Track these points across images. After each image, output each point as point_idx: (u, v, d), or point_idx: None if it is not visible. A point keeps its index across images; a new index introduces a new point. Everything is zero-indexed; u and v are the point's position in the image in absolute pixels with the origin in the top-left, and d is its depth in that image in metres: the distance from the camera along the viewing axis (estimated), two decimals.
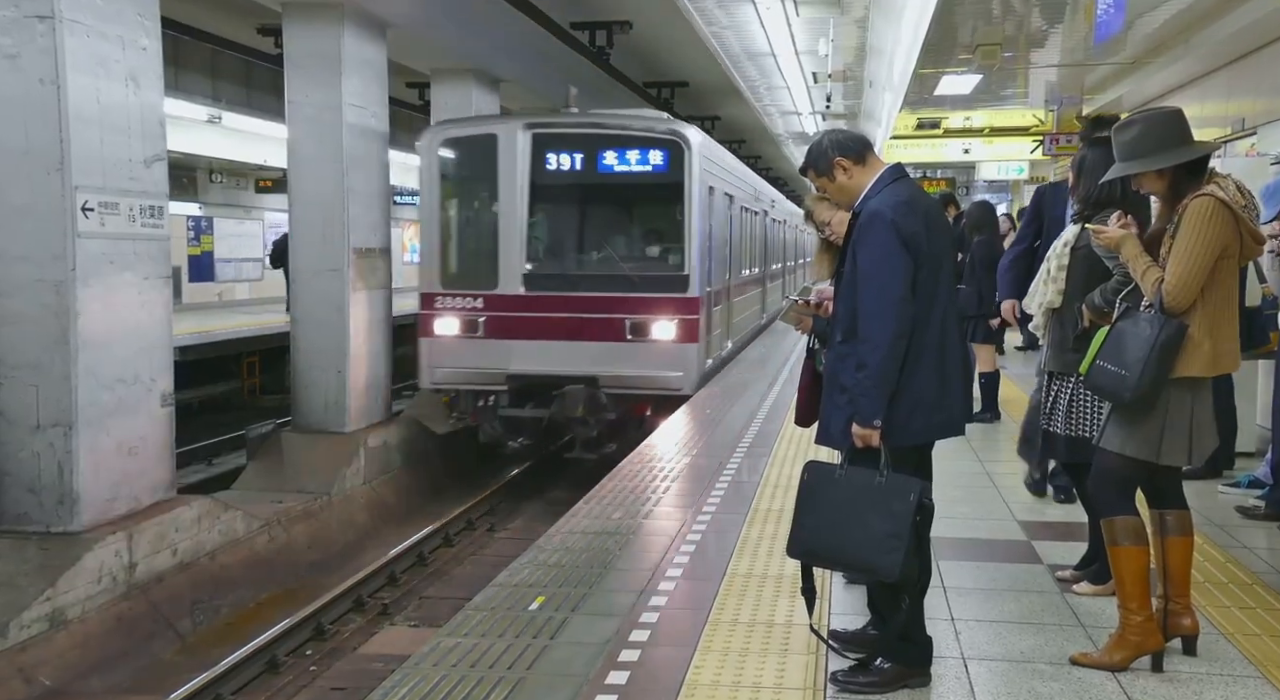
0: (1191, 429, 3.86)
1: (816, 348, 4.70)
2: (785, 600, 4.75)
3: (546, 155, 11.70)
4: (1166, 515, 4.03)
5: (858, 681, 3.82)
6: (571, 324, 11.51)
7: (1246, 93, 10.72)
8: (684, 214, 11.61)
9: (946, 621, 4.48)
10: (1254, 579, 5.02)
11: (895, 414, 3.69)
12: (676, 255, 11.85)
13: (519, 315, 11.62)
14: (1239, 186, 3.97)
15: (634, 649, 4.23)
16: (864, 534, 3.62)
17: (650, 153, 11.65)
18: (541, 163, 11.69)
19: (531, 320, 11.57)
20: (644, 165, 11.67)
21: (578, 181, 11.96)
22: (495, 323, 11.69)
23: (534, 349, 11.53)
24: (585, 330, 11.47)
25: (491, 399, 11.86)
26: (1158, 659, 3.94)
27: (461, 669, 4.06)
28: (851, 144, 3.96)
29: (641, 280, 11.59)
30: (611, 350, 11.42)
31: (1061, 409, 4.65)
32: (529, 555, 5.57)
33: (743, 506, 6.51)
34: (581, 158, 11.75)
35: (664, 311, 11.47)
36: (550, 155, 11.71)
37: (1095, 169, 4.61)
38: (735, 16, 15.23)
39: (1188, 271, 3.73)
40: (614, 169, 11.72)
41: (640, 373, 11.44)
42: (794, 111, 24.58)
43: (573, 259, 12.31)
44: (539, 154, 11.67)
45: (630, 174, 11.74)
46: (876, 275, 3.68)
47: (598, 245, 12.26)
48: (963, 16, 10.46)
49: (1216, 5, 9.58)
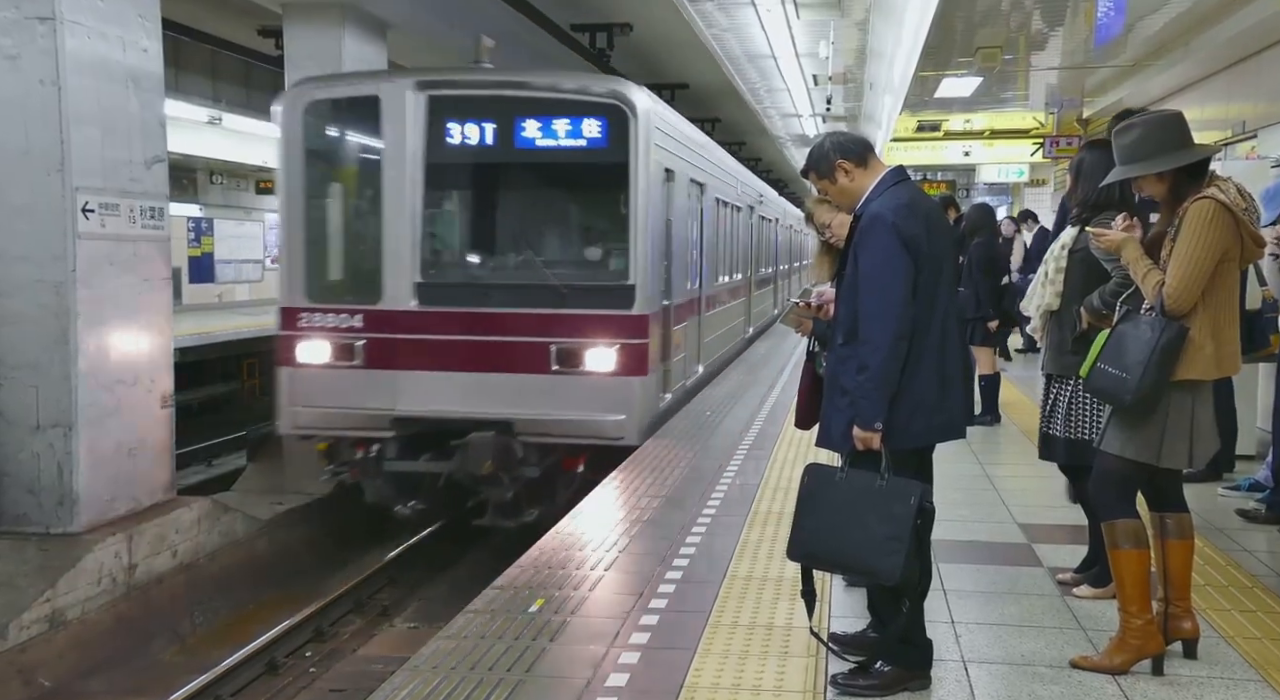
0: (1192, 432, 3.86)
1: (817, 350, 4.70)
2: (785, 603, 4.75)
3: (447, 125, 8.90)
4: (1167, 518, 4.03)
5: (858, 684, 3.82)
6: (479, 350, 8.77)
7: (1246, 96, 10.72)
8: (629, 204, 8.83)
9: (947, 624, 4.47)
10: (1254, 582, 5.02)
11: (896, 416, 3.69)
12: (619, 259, 9.06)
13: (410, 338, 8.83)
14: (1239, 189, 3.98)
15: (634, 651, 4.23)
16: (864, 537, 3.62)
17: (584, 123, 8.81)
18: (441, 135, 8.89)
19: (426, 345, 8.81)
20: (576, 139, 8.83)
21: (489, 160, 9.12)
22: (378, 348, 8.86)
23: (429, 383, 8.77)
24: (498, 359, 8.73)
25: (375, 449, 8.95)
26: (1158, 662, 3.94)
27: (461, 671, 4.05)
28: (853, 146, 3.96)
29: (573, 293, 8.74)
30: (532, 386, 8.68)
31: (1061, 411, 4.65)
32: (529, 557, 5.57)
33: (743, 509, 6.51)
34: (494, 129, 8.90)
35: (602, 334, 8.68)
36: (453, 125, 8.90)
37: (1093, 172, 4.62)
38: (736, 19, 15.22)
39: (1188, 274, 3.73)
40: (537, 144, 8.87)
41: (569, 415, 8.68)
42: (794, 114, 24.57)
43: (482, 264, 9.50)
44: (437, 123, 8.89)
45: (559, 151, 8.91)
46: (878, 278, 3.68)
47: (515, 246, 9.52)
48: (963, 19, 10.47)
49: (1216, 8, 9.59)
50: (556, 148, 8.90)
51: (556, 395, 8.72)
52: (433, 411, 8.76)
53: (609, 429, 8.70)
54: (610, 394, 8.72)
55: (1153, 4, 9.45)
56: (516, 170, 9.36)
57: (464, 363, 8.77)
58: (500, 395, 8.70)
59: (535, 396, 8.70)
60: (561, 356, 8.71)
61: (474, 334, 8.80)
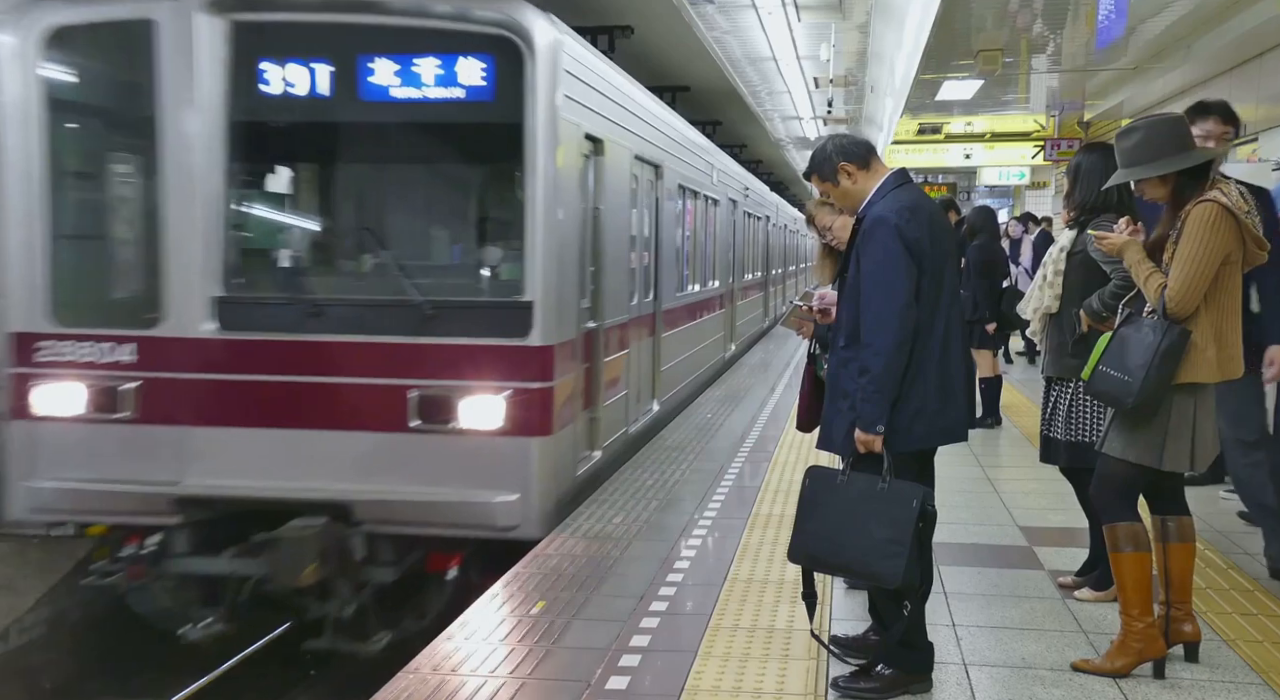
0: (1194, 435, 3.86)
1: (818, 353, 4.70)
2: (786, 606, 4.75)
3: (260, 66, 6.17)
4: (1168, 521, 4.03)
5: (859, 687, 3.82)
6: (306, 397, 6.10)
7: (1248, 99, 10.72)
8: (526, 184, 6.09)
9: (948, 627, 4.47)
10: (1255, 585, 5.01)
11: (897, 419, 3.70)
12: (511, 265, 6.32)
13: (204, 379, 6.13)
14: (1242, 192, 3.98)
15: (634, 654, 4.23)
16: (865, 540, 3.62)
17: (460, 64, 6.08)
18: (250, 81, 6.17)
19: (228, 389, 6.12)
20: (449, 87, 6.10)
21: (324, 119, 6.37)
22: (157, 394, 6.14)
23: (232, 446, 6.07)
24: (332, 410, 6.07)
25: (153, 542, 6.24)
26: (1159, 665, 3.94)
27: (462, 673, 4.05)
28: (856, 149, 3.96)
29: (443, 313, 6.04)
30: (382, 451, 6.03)
31: (1062, 414, 4.65)
32: (530, 560, 5.57)
33: (744, 511, 6.51)
34: (330, 73, 6.16)
35: (485, 373, 6.00)
36: (268, 67, 6.17)
37: (1090, 175, 4.63)
38: (737, 21, 15.23)
39: (1191, 277, 3.73)
40: (392, 94, 6.15)
41: (436, 495, 5.96)
42: (795, 116, 24.59)
43: (312, 271, 6.86)
44: (245, 63, 6.16)
45: (424, 106, 6.16)
46: (881, 280, 3.68)
47: (361, 245, 6.79)
48: (964, 22, 10.47)
49: (1217, 11, 9.59)
50: (421, 101, 6.12)
51: (418, 464, 5.98)
52: (236, 488, 6.03)
53: (495, 515, 5.92)
54: (497, 463, 5.96)
55: (1154, 7, 9.46)
56: (363, 133, 6.53)
57: (283, 416, 6.08)
58: (335, 464, 6.01)
59: (386, 466, 5.99)
60: (425, 407, 5.96)
61: (298, 373, 6.09)
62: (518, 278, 6.13)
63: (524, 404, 5.98)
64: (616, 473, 7.67)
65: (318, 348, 6.11)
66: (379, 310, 6.20)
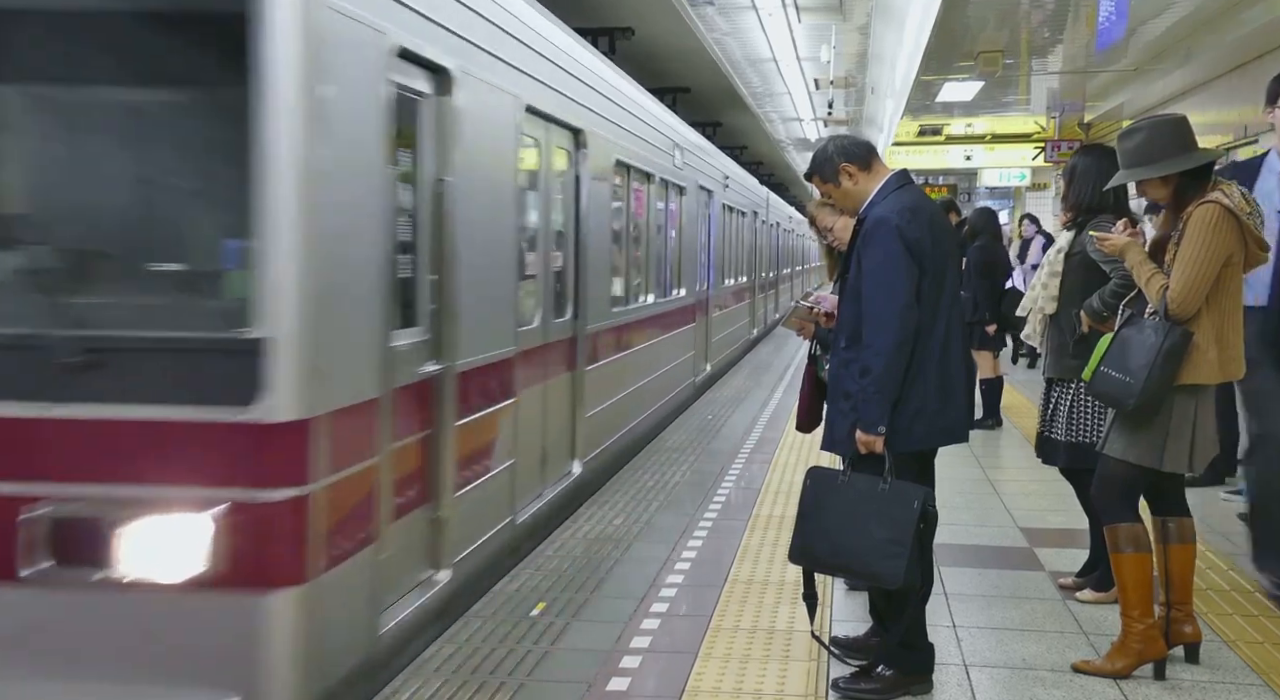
0: (1194, 436, 3.86)
1: (818, 354, 4.70)
2: (786, 607, 4.74)
3: None
4: (1169, 522, 4.03)
5: (859, 688, 3.82)
6: None
7: (1248, 100, 10.72)
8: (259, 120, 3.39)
9: (948, 628, 4.47)
10: (1256, 586, 5.01)
11: (898, 420, 3.69)
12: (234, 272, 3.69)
13: None
14: (1243, 193, 3.97)
15: (635, 655, 4.22)
16: (866, 540, 3.62)
17: None
18: None
19: None
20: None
21: None
22: None
23: None
24: None
25: None
26: (1160, 667, 3.94)
27: (462, 675, 4.05)
28: (857, 150, 3.97)
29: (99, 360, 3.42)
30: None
31: (1062, 415, 4.65)
32: (530, 561, 5.57)
33: (744, 512, 6.50)
34: None
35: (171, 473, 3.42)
36: None
37: (1086, 176, 4.63)
38: (737, 23, 15.24)
39: (1192, 279, 3.73)
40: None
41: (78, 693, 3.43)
42: (795, 118, 24.60)
43: None
44: None
45: None
46: (881, 281, 3.68)
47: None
48: (964, 23, 10.48)
49: (1218, 13, 9.59)
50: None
51: (40, 645, 3.48)
52: None
53: None
54: (194, 642, 3.46)
55: (1155, 8, 9.46)
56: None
57: None
58: None
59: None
60: (59, 538, 3.43)
61: None
62: (242, 295, 3.50)
63: (250, 529, 3.40)
64: (612, 478, 7.12)
65: None
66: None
